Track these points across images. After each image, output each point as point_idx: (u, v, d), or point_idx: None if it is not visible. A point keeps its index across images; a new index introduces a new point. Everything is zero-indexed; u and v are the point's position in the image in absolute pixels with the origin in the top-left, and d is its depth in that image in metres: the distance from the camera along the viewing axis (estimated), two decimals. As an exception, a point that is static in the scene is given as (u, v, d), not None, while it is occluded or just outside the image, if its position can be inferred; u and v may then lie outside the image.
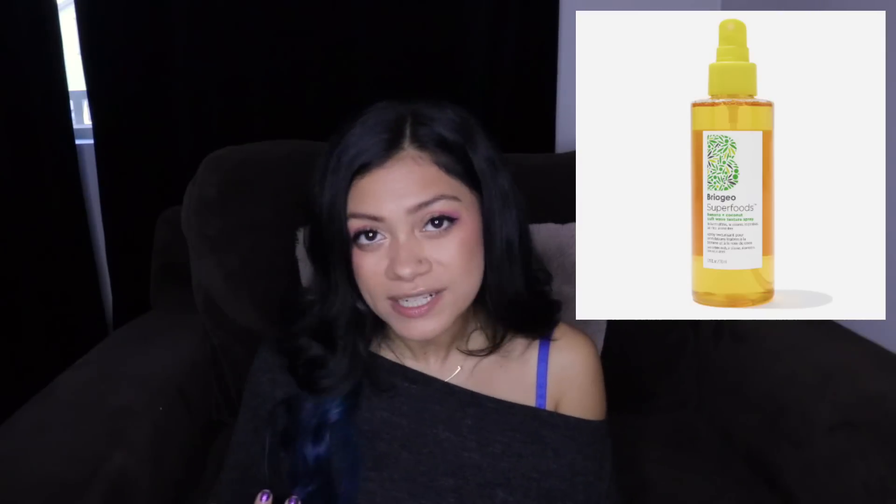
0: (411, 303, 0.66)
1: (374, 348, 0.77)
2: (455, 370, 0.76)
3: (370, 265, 0.66)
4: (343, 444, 0.73)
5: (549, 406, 0.77)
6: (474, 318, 0.76)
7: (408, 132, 0.66)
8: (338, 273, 0.68)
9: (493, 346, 0.75)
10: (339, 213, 0.65)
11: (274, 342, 0.78)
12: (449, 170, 0.66)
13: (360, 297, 0.70)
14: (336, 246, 0.67)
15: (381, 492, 0.72)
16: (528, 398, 0.76)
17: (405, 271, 0.63)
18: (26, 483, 0.79)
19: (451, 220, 0.66)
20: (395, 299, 0.66)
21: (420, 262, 0.64)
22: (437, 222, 0.65)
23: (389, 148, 0.65)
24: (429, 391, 0.75)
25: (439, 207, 0.65)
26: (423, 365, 0.77)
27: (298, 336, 0.73)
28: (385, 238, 0.66)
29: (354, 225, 0.65)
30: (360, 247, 0.66)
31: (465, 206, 0.67)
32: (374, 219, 0.65)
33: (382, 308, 0.67)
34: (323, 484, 0.71)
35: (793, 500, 1.01)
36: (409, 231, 0.65)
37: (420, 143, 0.66)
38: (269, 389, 0.77)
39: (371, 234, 0.66)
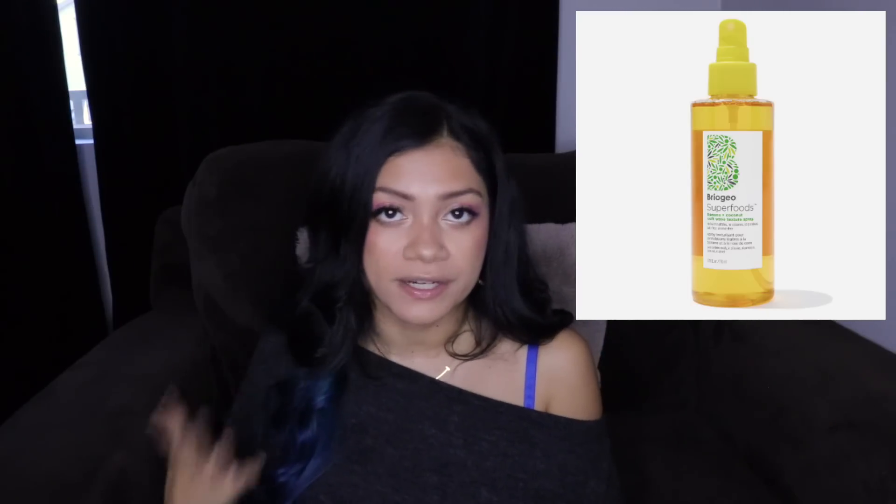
0: (419, 285, 0.66)
1: (361, 343, 0.77)
2: (443, 370, 0.76)
3: (386, 242, 0.66)
4: (326, 432, 0.73)
5: (539, 407, 0.76)
6: (465, 321, 0.76)
7: (445, 121, 0.68)
8: (350, 245, 0.68)
9: (480, 351, 0.75)
10: (368, 186, 0.66)
11: (274, 326, 0.79)
12: (478, 166, 0.68)
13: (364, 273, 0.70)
14: (357, 218, 0.67)
15: (364, 485, 0.72)
16: (516, 399, 0.76)
17: (428, 252, 0.64)
18: (26, 483, 0.79)
19: (473, 214, 0.67)
20: (402, 281, 0.66)
21: (442, 246, 0.65)
22: (458, 213, 0.67)
23: (428, 132, 0.67)
24: (415, 387, 0.75)
25: (467, 200, 0.67)
26: (410, 363, 0.77)
27: (299, 304, 0.74)
28: (406, 218, 0.66)
29: (380, 199, 0.66)
30: (380, 222, 0.67)
31: (484, 203, 0.69)
32: (404, 197, 0.66)
33: (386, 287, 0.68)
34: (305, 466, 0.72)
35: (793, 500, 1.01)
36: (434, 216, 0.66)
37: (456, 135, 0.68)
38: (263, 379, 0.78)
39: (392, 212, 0.66)
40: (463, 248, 0.67)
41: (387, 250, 0.66)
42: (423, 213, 0.66)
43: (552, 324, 0.77)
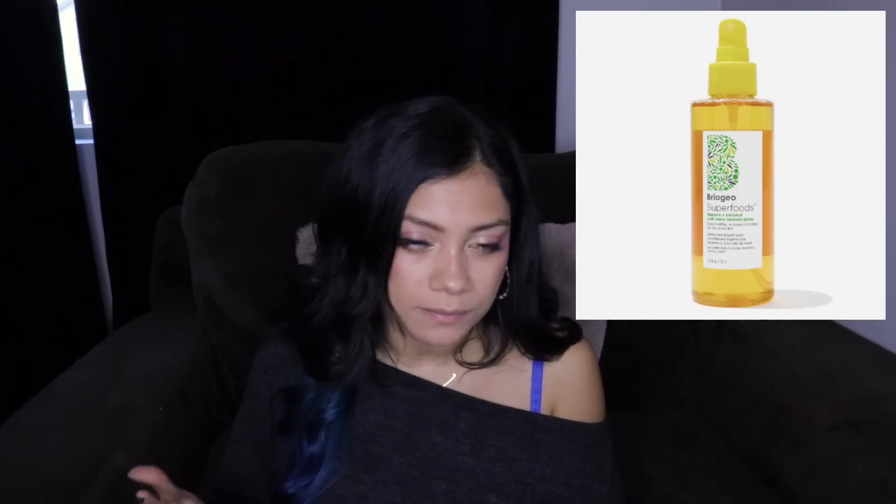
0: (442, 313, 0.65)
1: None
2: (450, 376, 0.76)
3: (414, 270, 0.64)
4: (334, 443, 0.73)
5: (545, 410, 0.76)
6: (473, 328, 0.76)
7: (477, 144, 0.65)
8: (373, 273, 0.66)
9: (490, 360, 0.75)
10: (398, 213, 0.63)
11: (275, 335, 0.78)
12: (506, 192, 0.66)
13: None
14: (385, 246, 0.64)
15: (372, 495, 0.71)
16: (523, 403, 0.76)
17: (455, 285, 0.63)
18: (26, 483, 0.79)
19: (498, 244, 0.66)
20: (424, 309, 0.65)
21: (469, 279, 0.64)
22: (484, 244, 0.65)
23: (461, 159, 0.63)
24: (423, 395, 0.75)
25: (497, 232, 0.65)
26: (417, 370, 0.76)
27: (311, 320, 0.72)
28: (433, 246, 0.64)
29: (408, 228, 0.63)
30: (406, 249, 0.64)
31: (508, 229, 0.67)
32: (435, 227, 0.63)
33: (407, 313, 0.66)
34: (314, 478, 0.71)
35: (793, 500, 1.01)
36: (462, 246, 0.64)
37: (488, 161, 0.64)
38: (264, 391, 0.77)
39: (419, 241, 0.64)
40: (486, 278, 0.66)
41: (412, 277, 0.64)
42: (451, 243, 0.63)
43: (563, 339, 0.76)
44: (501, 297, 0.71)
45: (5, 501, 0.76)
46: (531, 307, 0.73)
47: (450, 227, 0.63)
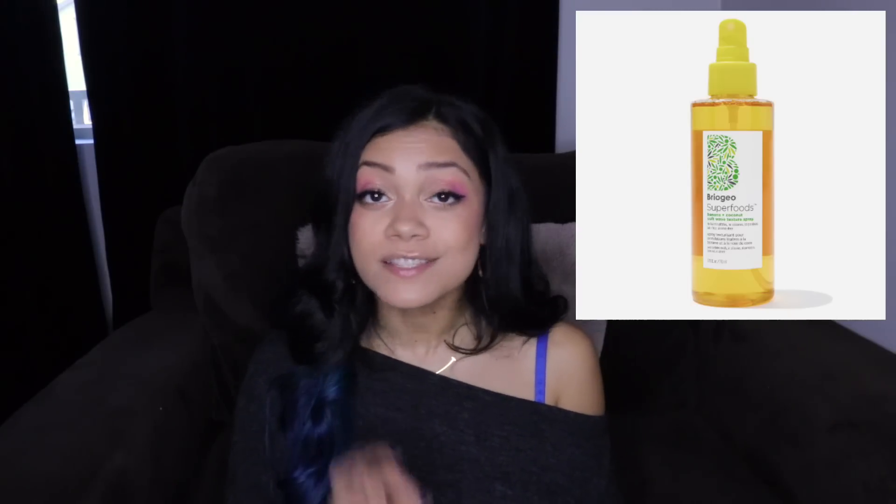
0: (402, 264, 0.66)
1: (366, 343, 0.77)
2: (448, 360, 0.76)
3: (369, 223, 0.67)
4: (342, 426, 0.72)
5: (549, 402, 0.77)
6: (463, 313, 0.76)
7: (433, 108, 0.69)
8: (339, 229, 0.69)
9: (480, 348, 0.75)
10: (353, 165, 0.67)
11: (273, 336, 0.79)
12: (465, 148, 0.68)
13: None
14: (342, 198, 0.68)
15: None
16: (527, 393, 0.76)
17: (405, 228, 0.64)
18: (26, 483, 0.79)
19: (458, 196, 0.67)
20: (385, 262, 0.66)
21: (420, 224, 0.65)
22: (444, 197, 0.67)
23: (414, 115, 0.68)
24: (424, 386, 0.75)
25: (449, 176, 0.67)
26: (413, 353, 0.76)
27: (298, 299, 0.74)
28: (390, 200, 0.67)
29: (364, 175, 0.67)
30: (364, 205, 0.67)
31: (473, 186, 0.69)
32: (385, 169, 0.66)
33: (373, 271, 0.67)
34: (326, 464, 0.70)
35: (793, 500, 1.01)
36: (416, 194, 0.66)
37: (443, 118, 0.69)
38: (265, 392, 0.76)
39: (377, 195, 0.67)
40: (446, 229, 0.66)
41: (370, 231, 0.66)
42: (404, 189, 0.66)
43: (545, 316, 0.77)
44: (483, 276, 0.72)
45: (5, 501, 0.76)
46: (512, 287, 0.72)
47: (399, 166, 0.66)
